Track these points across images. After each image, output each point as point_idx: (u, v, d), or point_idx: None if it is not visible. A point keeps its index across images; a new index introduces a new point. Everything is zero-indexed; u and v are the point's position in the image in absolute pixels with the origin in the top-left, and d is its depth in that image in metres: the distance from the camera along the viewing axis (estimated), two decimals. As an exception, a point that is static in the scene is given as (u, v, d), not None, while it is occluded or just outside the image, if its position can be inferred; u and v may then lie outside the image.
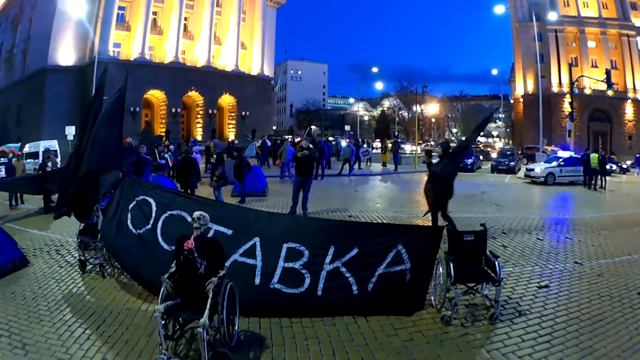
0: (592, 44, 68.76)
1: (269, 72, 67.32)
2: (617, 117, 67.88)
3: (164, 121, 54.72)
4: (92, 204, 10.21)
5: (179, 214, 8.16)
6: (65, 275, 9.20)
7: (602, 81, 46.32)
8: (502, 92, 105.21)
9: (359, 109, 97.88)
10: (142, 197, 8.73)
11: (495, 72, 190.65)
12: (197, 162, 17.52)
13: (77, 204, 10.34)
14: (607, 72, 42.53)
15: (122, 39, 53.36)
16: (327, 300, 7.30)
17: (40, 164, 19.14)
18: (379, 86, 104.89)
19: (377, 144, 70.51)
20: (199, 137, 52.20)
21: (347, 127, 74.66)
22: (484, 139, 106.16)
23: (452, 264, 6.98)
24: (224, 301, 5.87)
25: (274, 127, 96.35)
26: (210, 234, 7.46)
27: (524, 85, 73.15)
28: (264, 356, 6.08)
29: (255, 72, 63.33)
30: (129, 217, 8.67)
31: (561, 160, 29.40)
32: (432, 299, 7.69)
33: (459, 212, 16.66)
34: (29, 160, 32.49)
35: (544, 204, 21.00)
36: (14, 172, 19.41)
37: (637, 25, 67.66)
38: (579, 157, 29.37)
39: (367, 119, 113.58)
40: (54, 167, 19.72)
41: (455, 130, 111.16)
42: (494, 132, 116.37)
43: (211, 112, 57.80)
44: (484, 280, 7.33)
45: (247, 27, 62.85)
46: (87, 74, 49.09)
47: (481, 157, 44.64)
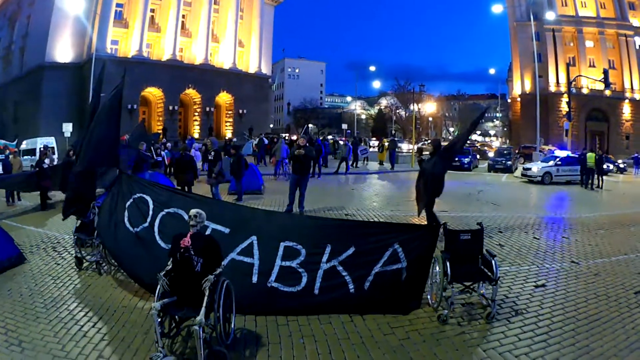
0: (589, 44, 68.82)
1: (266, 70, 67.19)
2: (615, 116, 67.98)
3: (161, 119, 54.53)
4: (88, 201, 10.19)
5: (177, 212, 8.15)
6: (61, 272, 9.17)
7: (600, 81, 46.42)
8: (500, 91, 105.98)
9: (357, 107, 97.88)
10: (139, 195, 8.71)
11: (492, 71, 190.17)
12: (195, 159, 17.56)
13: (75, 200, 10.35)
14: (605, 72, 42.65)
15: (119, 36, 53.14)
16: (324, 298, 7.31)
17: (37, 160, 19.06)
18: (377, 85, 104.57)
19: (374, 142, 70.51)
20: (196, 135, 51.96)
21: (345, 126, 74.67)
22: (481, 138, 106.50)
23: (448, 263, 6.98)
24: (221, 299, 5.86)
25: (271, 125, 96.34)
26: (207, 233, 7.45)
27: (521, 84, 73.26)
28: (260, 354, 6.07)
29: (252, 70, 63.17)
30: (126, 214, 8.65)
31: (558, 159, 29.44)
32: (428, 297, 7.69)
33: (455, 211, 16.72)
34: (25, 157, 32.44)
35: (540, 203, 21.04)
36: (11, 169, 19.35)
37: (635, 25, 67.74)
38: (576, 156, 29.43)
39: (364, 117, 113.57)
40: (50, 164, 19.71)
41: (452, 129, 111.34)
42: (491, 131, 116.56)
43: (208, 110, 57.62)
44: (480, 279, 7.34)
45: (245, 25, 62.74)
46: (85, 71, 49.01)
47: (478, 156, 44.72)
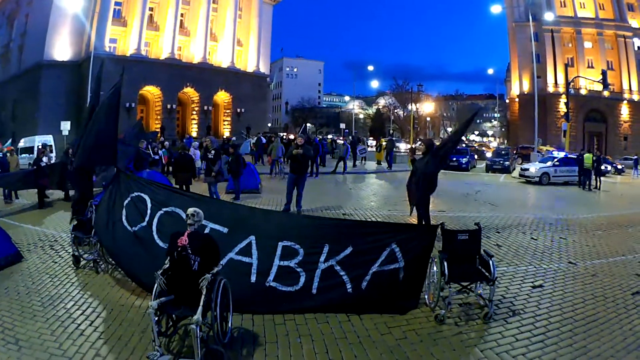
0: (588, 45, 68.89)
1: (264, 69, 67.13)
2: (613, 117, 68.06)
3: (159, 117, 54.46)
4: (86, 199, 10.18)
5: (175, 211, 8.12)
6: (59, 270, 9.15)
7: (598, 82, 46.56)
8: (498, 92, 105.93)
9: (355, 107, 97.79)
10: (136, 194, 8.68)
11: (491, 71, 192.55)
12: (194, 158, 17.58)
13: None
14: (603, 73, 42.79)
15: (118, 34, 53.04)
16: (322, 298, 7.31)
17: (35, 159, 19.03)
18: (375, 84, 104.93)
19: (372, 142, 70.56)
20: (194, 134, 51.94)
21: (343, 125, 74.77)
22: (479, 138, 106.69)
23: (446, 263, 6.97)
24: (218, 298, 5.84)
25: (269, 125, 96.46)
26: (206, 232, 7.44)
27: (519, 85, 73.32)
28: (257, 353, 6.06)
29: (251, 69, 63.14)
30: (124, 213, 8.63)
31: (556, 160, 29.49)
32: (425, 297, 7.68)
33: (453, 211, 16.73)
34: (23, 155, 32.36)
35: (538, 203, 21.05)
36: (8, 167, 19.30)
37: (634, 26, 67.83)
38: (574, 157, 29.48)
39: (362, 117, 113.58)
40: (48, 163, 19.68)
41: (450, 129, 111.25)
42: (489, 132, 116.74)
43: (206, 108, 57.57)
44: (478, 279, 7.33)
45: (244, 24, 62.68)
46: (83, 69, 48.85)
47: (476, 157, 44.78)
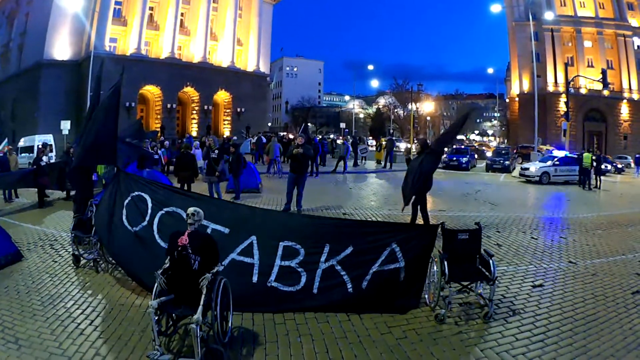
0: (588, 44, 68.83)
1: (264, 68, 67.16)
2: (613, 117, 68.01)
3: (159, 117, 54.50)
4: (86, 198, 10.17)
5: (176, 211, 8.11)
6: (59, 270, 9.15)
7: (598, 81, 46.44)
8: (498, 91, 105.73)
9: (355, 106, 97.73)
10: (137, 193, 8.67)
11: (490, 70, 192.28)
12: (196, 157, 17.65)
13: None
14: (603, 72, 42.69)
15: (118, 34, 53.05)
16: (322, 298, 7.31)
17: (34, 158, 19.00)
18: (375, 84, 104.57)
19: (372, 141, 70.51)
20: (194, 134, 51.95)
21: (343, 125, 74.69)
22: (479, 138, 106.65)
23: (446, 263, 6.97)
24: (218, 297, 5.84)
25: (270, 124, 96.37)
26: (207, 232, 7.44)
27: (519, 84, 73.27)
28: (257, 353, 6.06)
29: (251, 68, 63.19)
30: (124, 213, 8.62)
31: (556, 159, 29.49)
32: (426, 297, 7.68)
33: (453, 210, 16.73)
34: (23, 154, 32.34)
35: (538, 203, 21.03)
36: (9, 166, 19.26)
37: (634, 25, 67.79)
38: (575, 156, 29.49)
39: (362, 116, 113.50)
40: (47, 162, 19.65)
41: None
42: (489, 131, 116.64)
43: (207, 108, 57.60)
44: (478, 278, 7.33)
45: (244, 24, 62.72)
46: (83, 68, 48.91)
47: (476, 156, 44.78)
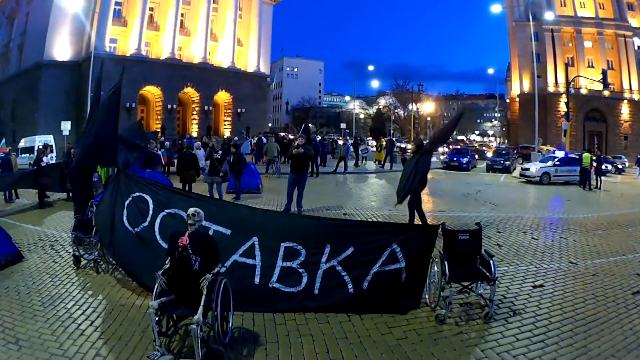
0: (588, 44, 68.84)
1: (265, 69, 67.13)
2: (613, 117, 67.99)
3: (159, 117, 54.46)
4: (86, 199, 10.17)
5: (177, 213, 8.09)
6: (59, 270, 9.16)
7: (598, 81, 46.46)
8: (498, 91, 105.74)
9: (355, 107, 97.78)
10: (138, 194, 8.66)
11: (491, 71, 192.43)
12: (197, 157, 17.77)
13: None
14: (604, 72, 42.72)
15: (118, 34, 53.05)
16: (323, 298, 7.32)
17: (34, 158, 19.00)
18: (375, 84, 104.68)
19: (372, 142, 70.52)
20: (195, 134, 51.94)
21: (343, 125, 74.73)
22: (479, 138, 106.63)
23: (446, 263, 6.97)
24: (218, 298, 5.84)
25: (270, 125, 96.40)
26: (209, 234, 7.44)
27: (520, 84, 73.29)
28: (257, 353, 6.06)
29: (251, 69, 63.15)
30: (125, 213, 8.61)
31: (556, 159, 29.48)
32: (426, 297, 7.68)
33: (454, 211, 16.73)
34: (24, 155, 32.37)
35: (539, 203, 21.00)
36: (11, 167, 19.22)
37: (634, 25, 67.79)
38: (576, 157, 29.49)
39: (362, 117, 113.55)
40: (48, 163, 19.65)
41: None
42: (490, 132, 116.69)
43: (207, 108, 57.55)
44: (478, 279, 7.33)
45: (244, 24, 62.70)
46: (83, 69, 48.92)
47: (476, 156, 44.78)
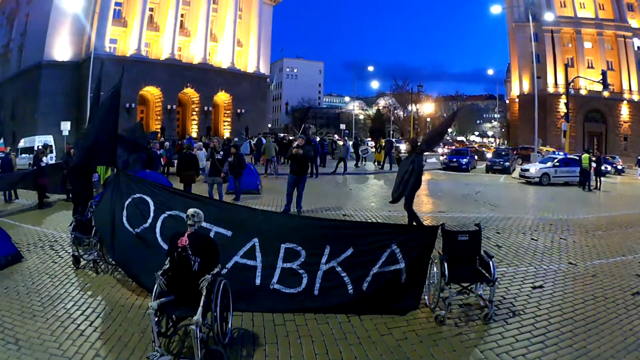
0: (588, 45, 68.92)
1: (264, 69, 67.12)
2: (613, 118, 68.06)
3: (159, 118, 54.45)
4: (86, 199, 10.17)
5: (179, 215, 8.08)
6: (58, 271, 9.16)
7: (598, 82, 46.49)
8: (498, 92, 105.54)
9: (355, 107, 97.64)
10: (138, 195, 8.65)
11: (491, 71, 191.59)
12: (197, 158, 17.86)
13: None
14: (603, 73, 42.74)
15: (118, 34, 53.06)
16: (323, 299, 7.32)
17: (33, 158, 19.00)
18: (375, 85, 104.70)
19: (371, 142, 70.52)
20: (194, 135, 51.94)
21: (343, 126, 74.69)
22: (479, 139, 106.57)
23: (446, 264, 6.97)
24: (218, 298, 5.84)
25: (269, 125, 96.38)
26: (211, 236, 7.44)
27: (519, 85, 73.37)
28: (257, 354, 6.06)
29: (251, 69, 63.14)
30: (124, 214, 8.60)
31: (556, 160, 29.49)
32: (426, 298, 7.68)
33: (453, 211, 16.73)
34: (24, 155, 32.36)
35: (538, 204, 21.01)
36: (12, 167, 19.20)
37: (634, 26, 67.88)
38: (576, 158, 29.51)
39: (362, 117, 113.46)
40: (47, 163, 19.65)
41: (450, 129, 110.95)
42: (490, 132, 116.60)
43: (207, 109, 57.54)
44: (478, 280, 7.33)
45: (244, 25, 62.69)
46: (83, 69, 48.93)
47: (476, 157, 44.77)
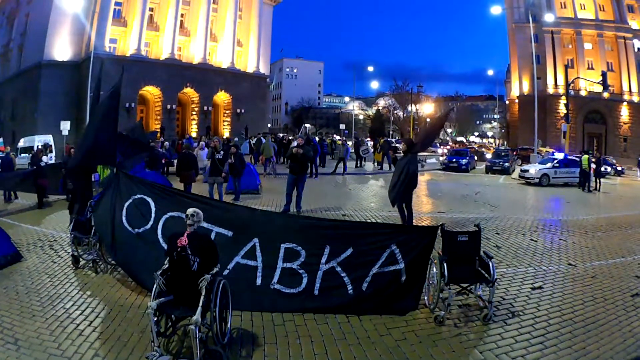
0: (588, 46, 68.93)
1: (264, 69, 67.11)
2: (613, 119, 68.07)
3: (159, 118, 54.44)
4: (85, 199, 10.16)
5: (180, 216, 8.06)
6: (58, 270, 9.16)
7: (598, 83, 46.52)
8: (498, 93, 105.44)
9: (354, 107, 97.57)
10: (139, 196, 8.64)
11: (490, 72, 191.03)
12: (196, 157, 17.92)
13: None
14: (603, 74, 42.77)
15: (118, 34, 53.07)
16: (323, 299, 7.33)
17: (32, 157, 18.98)
18: (375, 85, 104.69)
19: (369, 143, 70.50)
20: (194, 134, 51.95)
21: (342, 126, 74.60)
22: (478, 140, 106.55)
23: (445, 264, 6.97)
24: (217, 298, 5.85)
25: (269, 125, 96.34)
26: (212, 237, 7.46)
27: (519, 86, 73.37)
28: (256, 354, 6.05)
29: (251, 69, 63.14)
30: (124, 214, 8.60)
31: (556, 161, 29.49)
32: (425, 299, 7.68)
33: (453, 212, 16.72)
34: (24, 155, 32.35)
35: (538, 205, 21.01)
36: (13, 166, 19.17)
37: (634, 27, 67.90)
38: (576, 159, 29.52)
39: (362, 117, 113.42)
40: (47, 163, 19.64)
41: (450, 130, 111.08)
42: (489, 133, 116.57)
43: (206, 109, 57.53)
44: (477, 280, 7.32)
45: (244, 25, 62.68)
46: (83, 69, 48.84)
47: (476, 158, 44.76)
